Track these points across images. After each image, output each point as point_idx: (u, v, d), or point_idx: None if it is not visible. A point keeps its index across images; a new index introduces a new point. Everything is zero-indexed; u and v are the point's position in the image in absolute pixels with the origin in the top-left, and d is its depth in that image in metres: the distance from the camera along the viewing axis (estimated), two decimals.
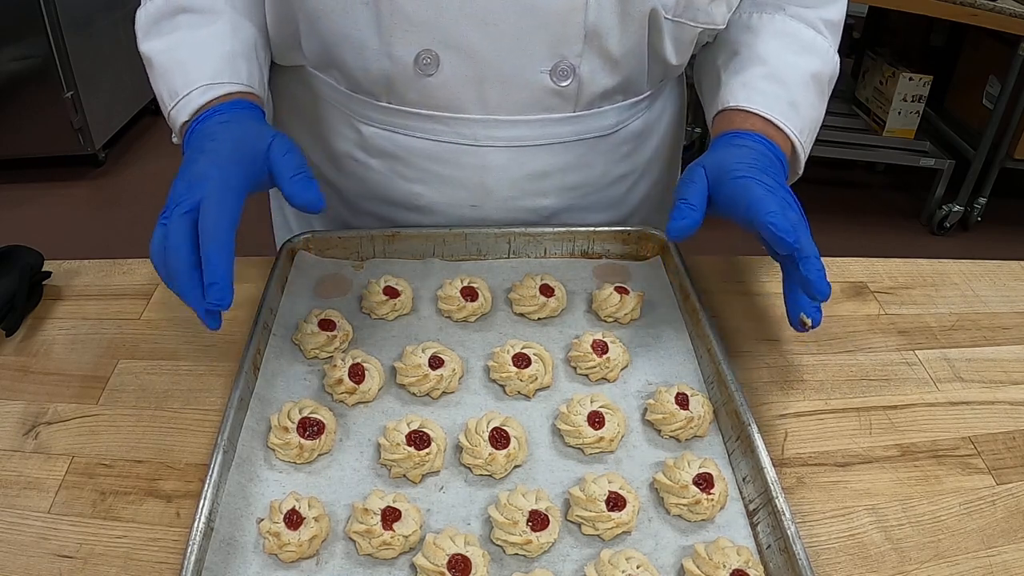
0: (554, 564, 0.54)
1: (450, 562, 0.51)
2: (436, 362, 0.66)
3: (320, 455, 0.60)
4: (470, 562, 0.51)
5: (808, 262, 0.61)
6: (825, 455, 0.64)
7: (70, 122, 2.69)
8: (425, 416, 0.62)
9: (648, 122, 0.86)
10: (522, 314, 0.75)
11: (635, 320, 0.75)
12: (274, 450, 0.60)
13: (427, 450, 0.58)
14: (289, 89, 0.85)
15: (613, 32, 0.71)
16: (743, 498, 0.59)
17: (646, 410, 0.65)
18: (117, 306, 0.77)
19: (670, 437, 0.63)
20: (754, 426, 0.60)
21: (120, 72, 2.85)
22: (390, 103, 0.76)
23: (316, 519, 0.53)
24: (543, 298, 0.73)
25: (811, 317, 0.64)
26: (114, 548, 0.55)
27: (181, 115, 0.69)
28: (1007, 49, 2.39)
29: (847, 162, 2.96)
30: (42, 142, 2.76)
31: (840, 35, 0.81)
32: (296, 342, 0.70)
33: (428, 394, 0.65)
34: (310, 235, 0.81)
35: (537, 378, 0.66)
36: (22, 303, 0.74)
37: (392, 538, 0.52)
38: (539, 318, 0.74)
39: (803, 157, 0.76)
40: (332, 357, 0.66)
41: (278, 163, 0.63)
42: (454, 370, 0.66)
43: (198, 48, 0.71)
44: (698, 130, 2.98)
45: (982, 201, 2.71)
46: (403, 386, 0.66)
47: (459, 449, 0.60)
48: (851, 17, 0.82)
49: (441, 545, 0.52)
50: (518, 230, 0.81)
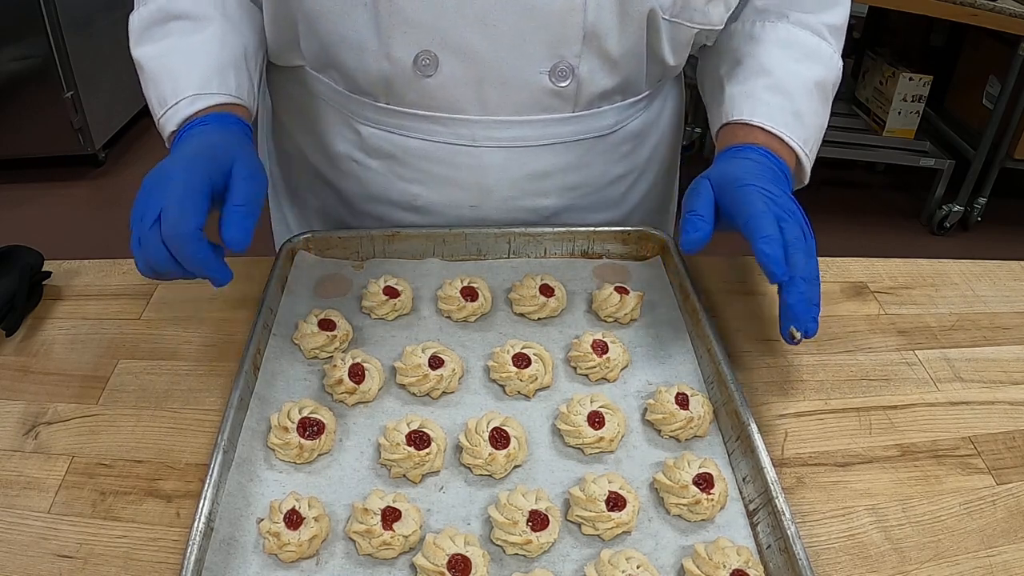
0: (554, 564, 0.54)
1: (450, 562, 0.51)
2: (436, 362, 0.66)
3: (320, 455, 0.60)
4: (470, 562, 0.51)
5: (792, 285, 0.61)
6: (825, 455, 0.64)
7: (70, 122, 2.69)
8: (425, 416, 0.62)
9: (647, 122, 0.86)
10: (522, 314, 0.75)
11: (635, 320, 0.75)
12: (274, 450, 0.60)
13: (427, 450, 0.58)
14: (288, 90, 0.85)
15: (612, 33, 0.71)
16: (743, 498, 0.59)
17: (646, 410, 0.65)
18: (117, 306, 0.77)
19: (670, 437, 0.63)
20: (754, 426, 0.60)
21: (120, 72, 2.84)
22: (389, 104, 0.76)
23: (316, 519, 0.53)
24: (543, 298, 0.73)
25: (805, 328, 0.64)
26: (114, 548, 0.55)
27: (169, 124, 0.69)
28: (1007, 49, 2.39)
29: (847, 162, 2.95)
30: (42, 142, 2.75)
31: (843, 39, 0.81)
32: (296, 342, 0.70)
33: (428, 394, 0.65)
34: (310, 235, 0.81)
35: (537, 378, 0.66)
36: (22, 303, 0.74)
37: (392, 538, 0.52)
38: (539, 318, 0.74)
39: (808, 166, 0.76)
40: (332, 357, 0.66)
41: (234, 184, 0.61)
42: (454, 370, 0.66)
43: (188, 56, 0.72)
44: (698, 130, 2.98)
45: (982, 201, 2.71)
46: (403, 386, 0.66)
47: (459, 449, 0.60)
48: (851, 17, 0.82)
49: (441, 545, 0.52)
50: (518, 230, 0.81)
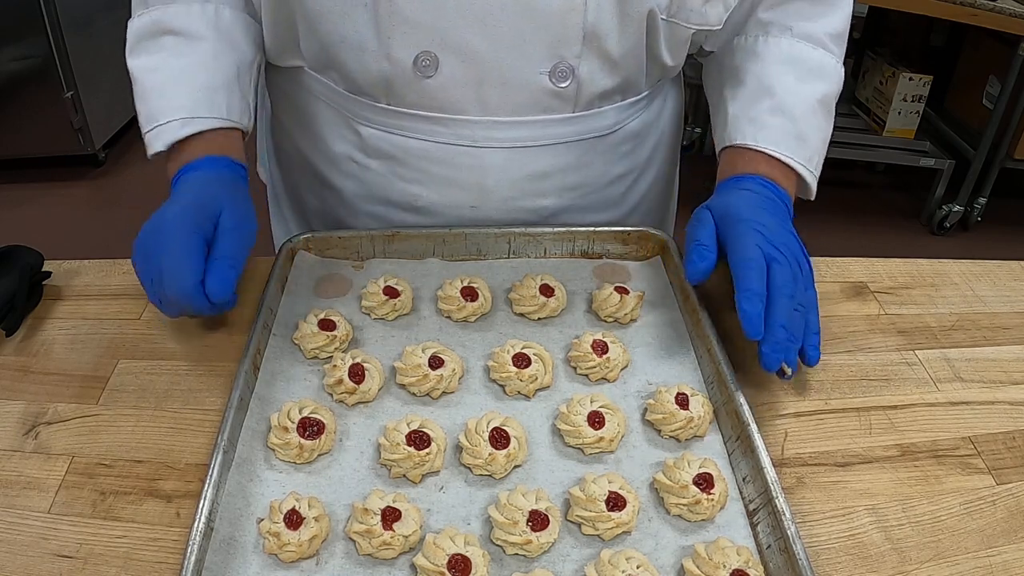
0: (554, 564, 0.54)
1: (450, 562, 0.51)
2: (436, 362, 0.66)
3: (320, 455, 0.60)
4: (470, 562, 0.51)
5: (769, 334, 0.63)
6: (825, 455, 0.64)
7: (70, 122, 2.69)
8: (425, 416, 0.62)
9: (646, 121, 0.86)
10: (522, 314, 0.75)
11: (635, 320, 0.75)
12: (274, 450, 0.60)
13: (427, 450, 0.58)
14: (287, 90, 0.85)
15: (612, 33, 0.71)
16: (743, 498, 0.59)
17: (646, 410, 0.65)
18: (117, 306, 0.77)
19: (670, 437, 0.63)
20: (754, 426, 0.60)
21: (120, 72, 2.79)
22: (389, 104, 0.76)
23: (316, 519, 0.53)
24: (543, 298, 0.73)
25: (806, 357, 0.67)
26: (114, 548, 0.55)
27: (156, 142, 0.72)
28: (1007, 49, 2.39)
29: (847, 162, 2.95)
30: (42, 142, 2.75)
31: (846, 43, 0.82)
32: (296, 342, 0.70)
33: (428, 394, 0.65)
34: (310, 235, 0.81)
35: (537, 378, 0.66)
36: (22, 303, 0.74)
37: (392, 538, 0.52)
38: (539, 318, 0.74)
39: (814, 183, 0.79)
40: (332, 357, 0.66)
41: (219, 236, 0.66)
42: (454, 370, 0.66)
43: (178, 76, 0.74)
44: (698, 130, 2.99)
45: (982, 201, 2.71)
46: (403, 386, 0.66)
47: (459, 449, 0.60)
48: (851, 18, 0.82)
49: (441, 545, 0.52)
50: (518, 230, 0.81)
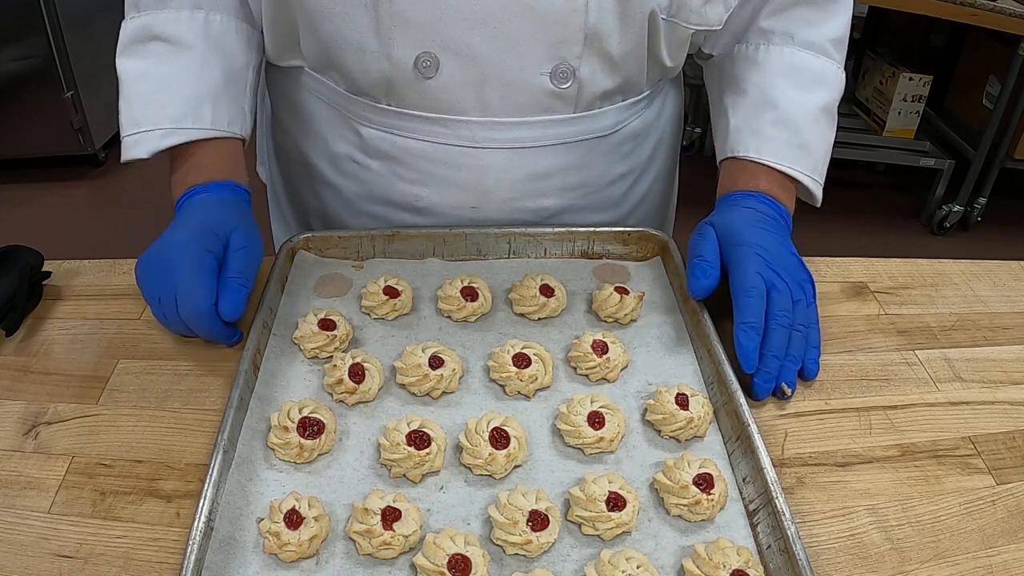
0: (554, 564, 0.54)
1: (450, 562, 0.51)
2: (436, 362, 0.66)
3: (320, 455, 0.60)
4: (470, 562, 0.51)
5: (762, 365, 0.66)
6: (825, 455, 0.64)
7: (70, 122, 2.69)
8: (425, 416, 0.62)
9: (647, 121, 0.86)
10: (522, 314, 0.75)
11: (635, 320, 0.75)
12: (274, 450, 0.60)
13: (427, 450, 0.58)
14: (288, 90, 0.85)
15: (613, 34, 0.71)
16: (743, 498, 0.59)
17: (646, 410, 0.65)
18: (117, 306, 0.77)
19: (670, 437, 0.63)
20: (754, 426, 0.60)
21: None
22: (390, 105, 0.76)
23: (316, 519, 0.53)
24: (543, 298, 0.73)
25: (805, 372, 0.69)
26: (114, 548, 0.55)
27: (135, 149, 0.73)
28: (1007, 49, 2.39)
29: (847, 162, 2.95)
30: (42, 142, 2.75)
31: (847, 47, 0.82)
32: (296, 342, 0.70)
33: (428, 394, 0.65)
34: (310, 235, 0.81)
35: (537, 378, 0.66)
36: (22, 303, 0.74)
37: (392, 538, 0.52)
38: (539, 318, 0.74)
39: (819, 191, 0.79)
40: (332, 357, 0.66)
41: (230, 255, 0.68)
42: (454, 370, 0.66)
43: (164, 84, 0.74)
44: (698, 130, 2.99)
45: (982, 201, 2.71)
46: (403, 386, 0.66)
47: (459, 449, 0.60)
48: (851, 18, 0.82)
49: (441, 545, 0.52)
50: (518, 230, 0.81)
